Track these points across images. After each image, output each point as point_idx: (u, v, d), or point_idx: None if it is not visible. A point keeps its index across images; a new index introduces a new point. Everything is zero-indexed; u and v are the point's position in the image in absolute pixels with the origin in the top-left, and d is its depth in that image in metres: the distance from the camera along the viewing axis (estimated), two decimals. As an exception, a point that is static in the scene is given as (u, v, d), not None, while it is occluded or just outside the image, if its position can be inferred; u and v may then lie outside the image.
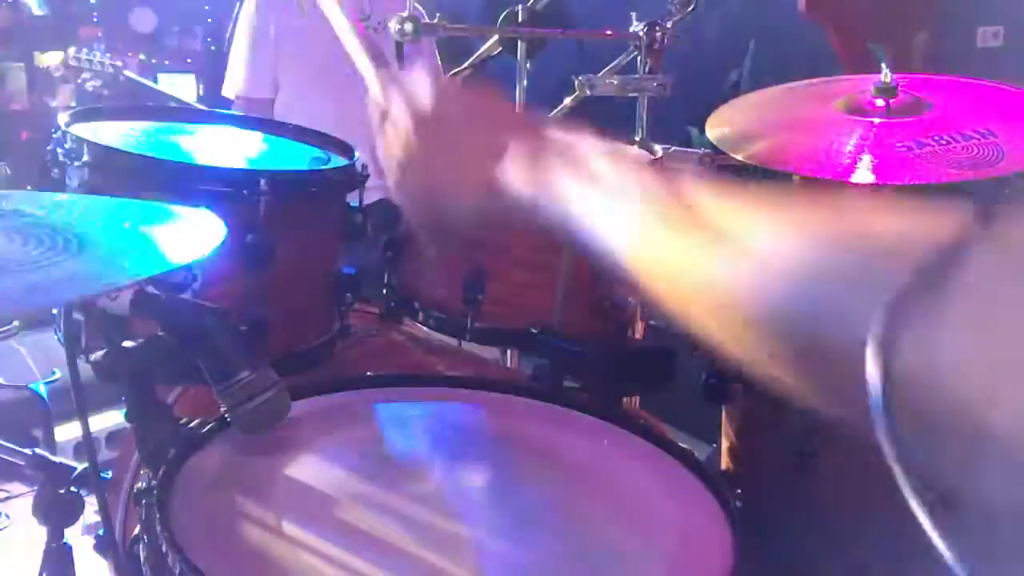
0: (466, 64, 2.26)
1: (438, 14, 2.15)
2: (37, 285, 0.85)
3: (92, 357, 1.10)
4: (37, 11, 5.32)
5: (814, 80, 1.84)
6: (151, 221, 1.04)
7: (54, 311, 1.31)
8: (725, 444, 1.51)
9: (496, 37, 2.19)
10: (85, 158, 1.36)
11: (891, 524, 1.22)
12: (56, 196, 1.11)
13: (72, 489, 1.27)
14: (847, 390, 0.54)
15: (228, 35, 3.11)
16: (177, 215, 1.06)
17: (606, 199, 0.79)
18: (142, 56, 4.93)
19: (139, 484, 1.03)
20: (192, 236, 1.01)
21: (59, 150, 1.40)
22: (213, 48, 5.63)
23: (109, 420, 3.11)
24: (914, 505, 0.49)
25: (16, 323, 3.59)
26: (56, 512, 1.27)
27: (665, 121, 2.16)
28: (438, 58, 3.17)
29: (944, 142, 1.51)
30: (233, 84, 3.05)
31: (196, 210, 1.07)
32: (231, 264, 1.36)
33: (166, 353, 1.10)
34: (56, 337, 1.29)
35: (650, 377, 1.42)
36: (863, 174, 1.52)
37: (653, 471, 1.19)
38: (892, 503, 0.49)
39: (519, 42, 2.28)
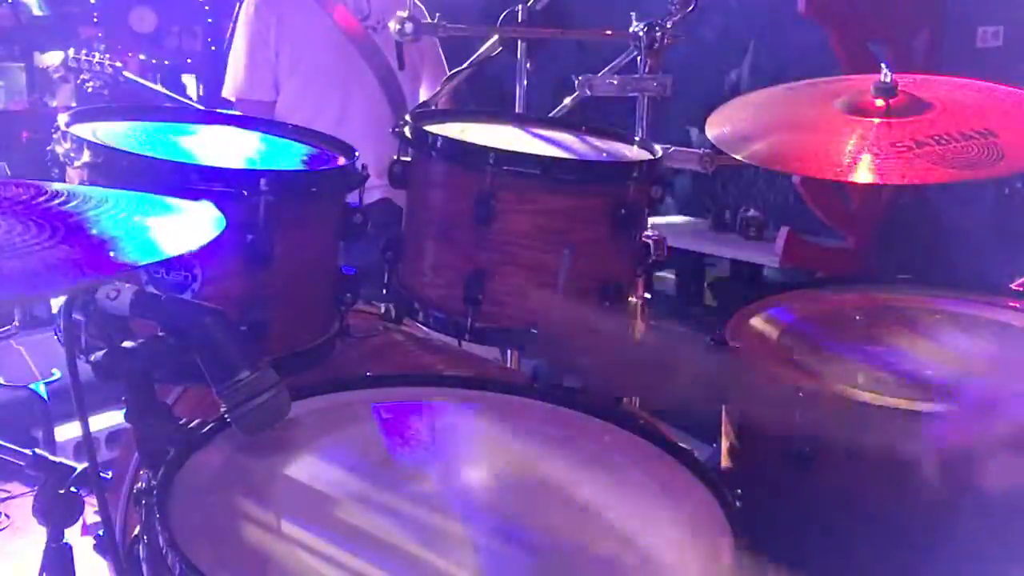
0: (466, 64, 2.26)
1: (438, 14, 2.15)
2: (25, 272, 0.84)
3: (92, 357, 1.10)
4: (37, 11, 5.32)
5: (814, 80, 1.84)
6: (150, 212, 1.03)
7: (54, 311, 1.30)
8: (725, 444, 1.51)
9: (496, 37, 2.19)
10: (85, 158, 1.36)
11: (890, 524, 1.22)
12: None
13: (72, 489, 1.27)
14: None
15: (228, 35, 3.10)
16: (176, 208, 1.05)
17: None
18: (142, 56, 4.93)
19: (139, 484, 1.03)
20: (190, 227, 1.00)
21: (59, 150, 1.40)
22: (213, 48, 5.64)
23: (109, 420, 3.12)
24: None
25: (16, 323, 3.60)
26: (56, 512, 1.27)
27: (665, 121, 2.16)
28: (443, 59, 3.16)
29: (944, 142, 1.51)
30: (233, 86, 3.02)
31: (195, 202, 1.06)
32: (231, 264, 1.36)
33: (166, 353, 1.10)
34: (56, 337, 1.29)
35: (650, 377, 1.42)
36: (863, 174, 1.52)
37: (653, 471, 1.19)
38: (890, 503, 0.50)
39: (519, 42, 2.28)
